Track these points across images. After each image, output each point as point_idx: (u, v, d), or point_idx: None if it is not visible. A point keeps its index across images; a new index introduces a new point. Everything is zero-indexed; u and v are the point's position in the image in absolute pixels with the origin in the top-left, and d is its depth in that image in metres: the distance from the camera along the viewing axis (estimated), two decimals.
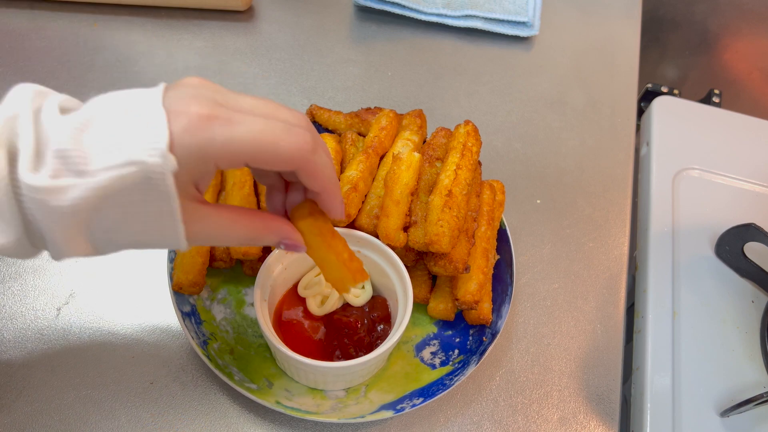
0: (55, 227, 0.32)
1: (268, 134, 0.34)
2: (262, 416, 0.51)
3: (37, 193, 0.31)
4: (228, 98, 0.34)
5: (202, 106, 0.32)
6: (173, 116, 0.32)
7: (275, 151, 0.34)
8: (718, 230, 0.65)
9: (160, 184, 0.32)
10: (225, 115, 0.33)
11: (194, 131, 0.32)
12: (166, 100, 0.33)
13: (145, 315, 0.55)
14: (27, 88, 0.34)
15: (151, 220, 0.34)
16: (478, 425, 0.53)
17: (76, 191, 0.31)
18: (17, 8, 0.76)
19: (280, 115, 0.36)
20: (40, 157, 0.31)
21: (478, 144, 0.58)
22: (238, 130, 0.33)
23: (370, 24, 0.83)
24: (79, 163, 0.31)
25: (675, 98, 0.80)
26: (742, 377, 0.58)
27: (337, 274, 0.44)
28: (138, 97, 0.33)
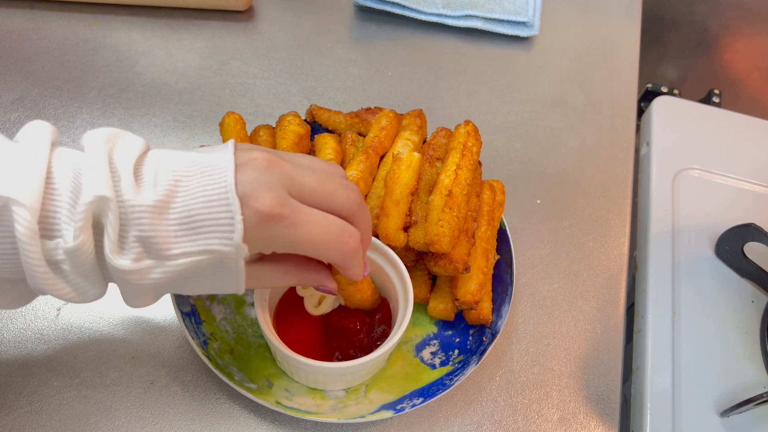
0: (133, 295, 0.37)
1: (323, 240, 0.38)
2: (262, 416, 0.51)
3: (122, 274, 0.34)
4: (294, 183, 0.37)
5: (272, 203, 0.35)
6: (246, 208, 0.35)
7: (326, 254, 0.39)
8: (718, 230, 0.65)
9: (232, 265, 0.36)
10: (290, 215, 0.36)
11: (262, 228, 0.35)
12: (239, 186, 0.35)
13: (145, 315, 0.55)
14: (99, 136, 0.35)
15: (217, 285, 0.38)
16: (478, 425, 0.53)
17: (156, 273, 0.35)
18: (17, 8, 0.76)
19: (337, 202, 0.39)
20: (123, 240, 0.34)
21: (478, 144, 0.58)
22: (299, 232, 0.37)
23: (370, 24, 0.83)
24: (160, 249, 0.34)
25: (675, 98, 0.80)
26: (742, 377, 0.58)
27: (358, 305, 0.53)
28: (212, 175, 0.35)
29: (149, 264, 0.34)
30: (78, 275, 0.34)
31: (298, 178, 0.38)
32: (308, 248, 0.38)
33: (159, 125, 0.69)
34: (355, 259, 0.41)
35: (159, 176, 0.35)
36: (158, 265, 0.35)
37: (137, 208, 0.34)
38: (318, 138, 0.61)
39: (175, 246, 0.34)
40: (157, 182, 0.35)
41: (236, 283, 0.38)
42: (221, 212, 0.34)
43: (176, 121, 0.69)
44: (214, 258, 0.35)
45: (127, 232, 0.34)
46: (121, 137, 0.37)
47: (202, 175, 0.35)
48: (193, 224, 0.34)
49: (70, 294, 0.35)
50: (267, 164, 0.36)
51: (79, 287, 0.35)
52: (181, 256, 0.35)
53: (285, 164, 0.37)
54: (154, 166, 0.36)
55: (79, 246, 0.33)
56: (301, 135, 0.59)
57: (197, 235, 0.34)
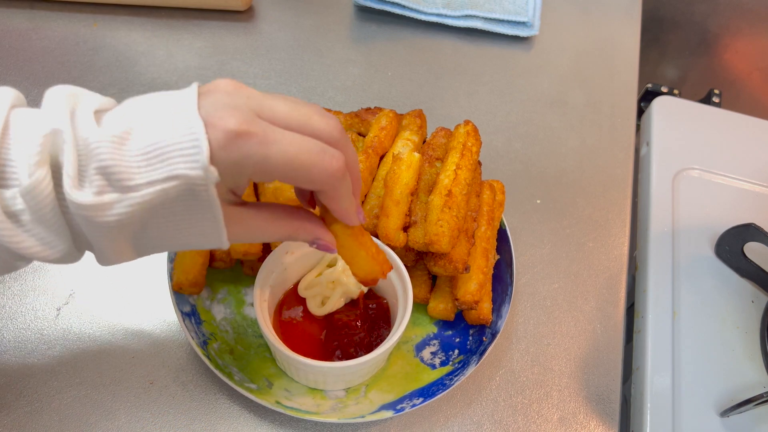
0: (102, 239, 0.34)
1: (302, 157, 0.34)
2: (262, 416, 0.51)
3: (84, 210, 0.32)
4: (263, 106, 0.35)
5: (239, 120, 0.33)
6: (210, 129, 0.32)
7: (306, 176, 0.35)
8: (718, 230, 0.65)
9: (203, 194, 0.33)
10: (261, 133, 0.33)
11: (231, 148, 0.33)
12: (202, 109, 0.33)
13: (145, 315, 0.55)
14: (60, 92, 0.34)
15: (195, 226, 0.35)
16: (478, 425, 0.53)
17: (121, 207, 0.32)
18: (17, 8, 0.76)
19: (314, 125, 0.36)
20: (83, 173, 0.32)
21: (478, 144, 0.58)
22: (272, 150, 0.33)
23: (370, 24, 0.83)
24: (122, 179, 0.32)
25: (675, 98, 0.80)
26: (742, 377, 0.58)
27: (368, 269, 0.45)
28: (173, 104, 0.33)
29: (112, 198, 0.32)
30: (39, 224, 0.32)
31: (268, 102, 0.35)
32: (285, 169, 0.34)
33: None
34: (343, 182, 0.37)
35: (118, 113, 0.33)
36: (122, 198, 0.32)
37: (96, 140, 0.32)
38: None
39: (137, 175, 0.32)
40: (117, 119, 0.33)
41: (213, 224, 0.35)
42: (184, 136, 0.32)
43: None
44: (183, 186, 0.32)
45: (87, 165, 0.32)
46: (86, 94, 0.35)
47: (163, 106, 0.33)
48: (155, 152, 0.32)
49: (34, 248, 0.33)
50: (232, 88, 0.34)
51: (42, 238, 0.33)
52: (146, 185, 0.32)
53: (252, 89, 0.35)
54: (117, 109, 0.34)
55: (35, 184, 0.31)
56: None
57: (161, 162, 0.32)
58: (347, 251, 0.43)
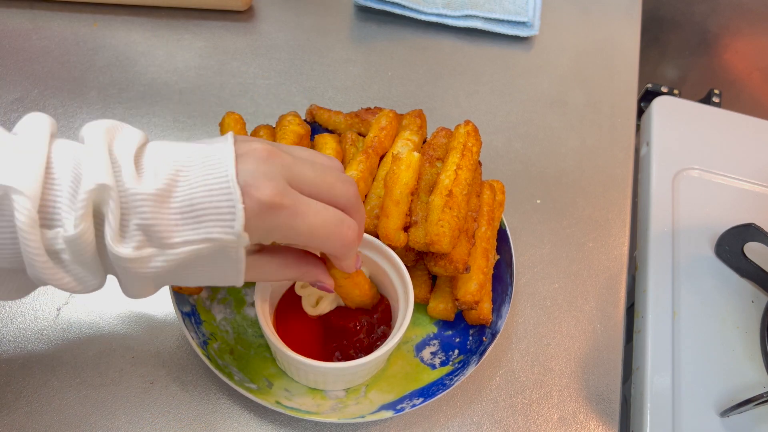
0: (133, 285, 0.37)
1: (323, 230, 0.39)
2: (262, 416, 0.51)
3: (123, 262, 0.34)
4: (294, 173, 0.38)
5: (274, 193, 0.36)
6: (247, 198, 0.35)
7: (324, 244, 0.40)
8: (718, 230, 0.65)
9: (232, 254, 0.37)
10: (291, 206, 0.37)
11: (264, 218, 0.36)
12: (240, 176, 0.35)
13: (145, 315, 0.55)
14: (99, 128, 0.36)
15: (217, 275, 0.39)
16: (478, 425, 0.53)
17: (158, 261, 0.35)
18: (17, 8, 0.76)
19: (337, 193, 0.40)
20: (124, 227, 0.34)
21: (478, 144, 0.58)
22: (300, 222, 0.37)
23: (370, 24, 0.83)
24: (161, 238, 0.34)
25: (675, 98, 0.80)
26: (742, 377, 0.58)
27: (358, 302, 0.52)
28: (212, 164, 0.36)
29: (151, 252, 0.35)
30: (78, 264, 0.34)
31: (298, 170, 0.38)
32: (308, 238, 0.38)
33: (159, 125, 0.69)
34: (352, 250, 0.42)
35: (159, 166, 0.35)
36: (160, 254, 0.35)
37: (139, 197, 0.34)
38: (318, 138, 0.61)
39: (176, 234, 0.35)
40: (158, 172, 0.35)
41: (236, 274, 0.38)
42: (222, 201, 0.35)
43: (176, 121, 0.69)
44: (216, 247, 0.35)
45: (129, 220, 0.34)
46: (121, 129, 0.37)
47: (202, 165, 0.36)
48: (194, 213, 0.35)
49: (70, 284, 0.35)
50: (267, 155, 0.37)
51: (79, 277, 0.35)
52: (183, 244, 0.35)
53: (285, 155, 0.38)
54: (154, 157, 0.36)
55: (79, 234, 0.33)
56: (301, 135, 0.59)
57: (198, 224, 0.35)
58: (342, 290, 0.49)
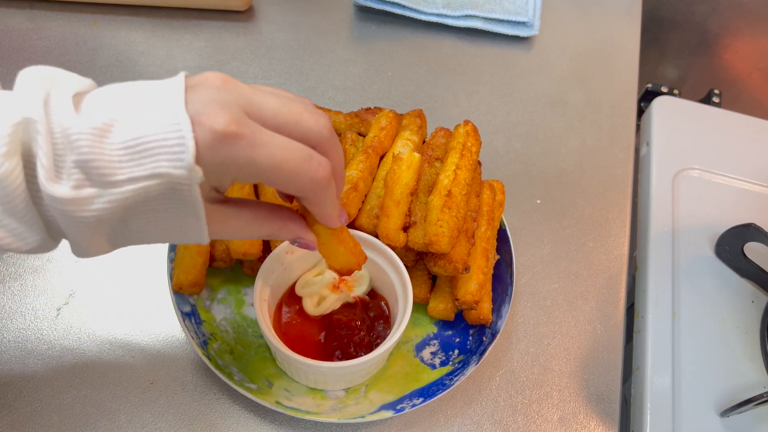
0: (78, 233, 0.33)
1: (289, 163, 0.34)
2: (262, 416, 0.51)
3: (60, 204, 0.31)
4: (253, 103, 0.34)
5: (228, 120, 0.31)
6: (198, 126, 0.31)
7: (291, 182, 0.35)
8: (718, 230, 0.65)
9: (186, 194, 0.32)
10: (249, 135, 0.32)
11: (218, 148, 0.32)
12: (189, 105, 0.31)
13: (145, 315, 0.55)
14: (34, 73, 0.32)
15: (175, 224, 0.34)
16: (478, 425, 0.53)
17: (100, 203, 0.31)
18: (17, 8, 0.76)
19: (304, 124, 0.35)
20: (59, 165, 0.30)
21: (478, 144, 0.58)
22: (260, 154, 0.33)
23: (370, 24, 0.83)
24: (102, 174, 0.30)
25: (675, 98, 0.80)
26: (742, 377, 0.58)
27: (344, 262, 0.45)
28: (159, 96, 0.32)
29: (91, 192, 0.31)
30: (9, 216, 0.31)
31: (258, 99, 0.34)
32: (272, 174, 0.34)
33: None
34: (328, 191, 0.37)
35: (100, 103, 0.32)
36: (102, 194, 0.31)
37: (74, 131, 0.30)
38: None
39: (119, 171, 0.31)
40: (98, 108, 0.31)
41: (196, 222, 0.34)
42: (170, 132, 0.31)
43: None
44: (165, 184, 0.31)
45: (65, 157, 0.30)
46: (63, 75, 0.33)
47: (149, 98, 0.32)
48: (138, 147, 0.31)
49: (5, 239, 0.32)
50: (221, 83, 0.33)
51: (13, 230, 0.32)
52: (127, 182, 0.31)
53: (242, 84, 0.34)
54: (97, 95, 0.32)
55: (4, 175, 0.29)
56: None
57: (144, 159, 0.31)
58: (327, 248, 0.44)
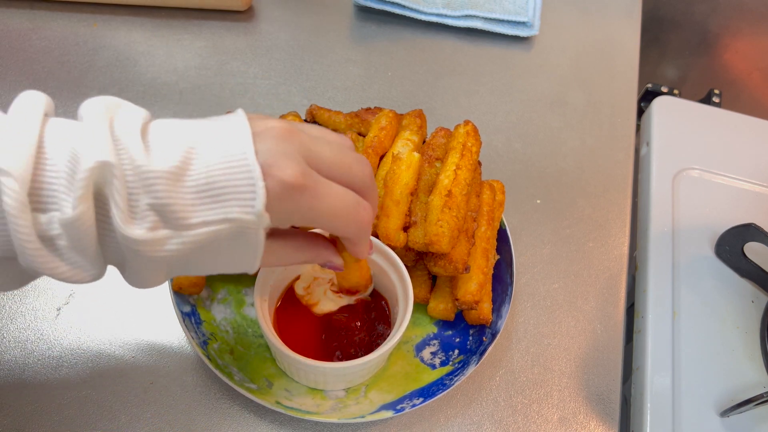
0: (145, 270, 0.34)
1: (342, 213, 0.37)
2: (262, 416, 0.51)
3: (135, 245, 0.32)
4: (311, 153, 0.36)
5: (296, 173, 0.34)
6: (268, 178, 0.33)
7: (341, 227, 0.39)
8: (718, 230, 0.65)
9: (252, 236, 0.34)
10: (312, 186, 0.35)
11: (285, 199, 0.34)
12: (259, 155, 0.33)
13: (145, 315, 0.55)
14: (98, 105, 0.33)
15: (233, 260, 0.36)
16: (478, 425, 0.53)
17: (174, 244, 0.32)
18: (17, 8, 0.76)
19: (354, 174, 0.39)
20: (133, 206, 0.31)
21: (478, 144, 0.58)
22: (321, 204, 0.36)
23: (370, 24, 0.83)
24: (177, 217, 0.32)
25: (675, 98, 0.80)
26: (742, 377, 0.58)
27: (354, 282, 0.52)
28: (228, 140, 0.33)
29: (165, 234, 0.32)
30: (75, 252, 0.32)
31: (315, 149, 0.36)
32: (328, 221, 0.37)
33: None
34: (367, 233, 0.41)
35: (170, 143, 0.33)
36: (175, 235, 0.32)
37: (150, 174, 0.31)
38: None
39: (193, 214, 0.32)
40: (169, 149, 0.32)
41: (252, 258, 0.36)
42: (242, 180, 0.32)
43: None
44: (235, 228, 0.33)
45: (139, 199, 0.31)
46: (122, 105, 0.34)
47: (218, 142, 0.33)
48: (212, 192, 0.32)
49: (66, 273, 0.32)
50: (285, 133, 0.35)
51: (77, 265, 0.33)
52: (201, 225, 0.32)
53: (302, 134, 0.36)
54: (162, 133, 0.33)
55: (77, 216, 0.30)
56: None
57: (217, 204, 0.32)
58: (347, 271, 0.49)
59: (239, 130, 0.34)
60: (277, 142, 0.34)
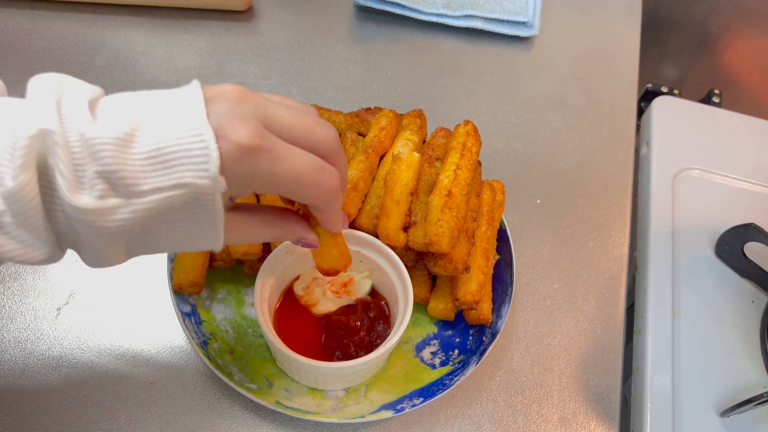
0: (98, 244, 0.32)
1: (306, 175, 0.35)
2: (262, 416, 0.51)
3: (84, 215, 0.30)
4: (269, 115, 0.35)
5: (251, 134, 0.32)
6: (222, 140, 0.32)
7: (306, 193, 0.37)
8: (718, 230, 0.65)
9: (209, 203, 0.33)
10: (270, 148, 0.33)
11: (242, 162, 0.32)
12: (212, 117, 0.32)
13: (145, 315, 0.55)
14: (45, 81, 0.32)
15: (194, 232, 0.35)
16: (478, 425, 0.53)
17: (125, 212, 0.31)
18: (17, 8, 0.76)
19: (315, 137, 0.37)
20: (81, 176, 0.30)
21: (478, 144, 0.58)
22: (281, 167, 0.34)
23: (370, 24, 0.83)
24: (127, 184, 0.31)
25: (675, 98, 0.80)
26: (742, 377, 0.58)
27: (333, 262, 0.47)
28: (180, 106, 0.32)
29: (116, 202, 0.31)
30: (22, 228, 0.30)
31: (273, 112, 0.35)
32: (290, 185, 0.35)
33: None
34: (337, 200, 0.39)
35: (118, 111, 0.32)
36: (126, 204, 0.31)
37: (96, 141, 0.30)
38: None
39: (144, 181, 0.31)
40: (118, 117, 0.31)
41: (214, 230, 0.35)
42: (194, 144, 0.31)
43: None
44: (189, 194, 0.32)
45: (86, 168, 0.30)
46: (71, 82, 0.33)
47: (168, 108, 0.32)
48: (163, 157, 0.31)
49: (14, 252, 0.31)
50: (239, 96, 0.34)
51: (24, 241, 0.31)
52: (152, 192, 0.31)
53: (258, 97, 0.35)
54: (111, 103, 0.32)
55: (19, 187, 0.29)
56: None
57: (169, 169, 0.31)
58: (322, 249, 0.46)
59: (191, 95, 0.33)
60: (231, 105, 0.33)
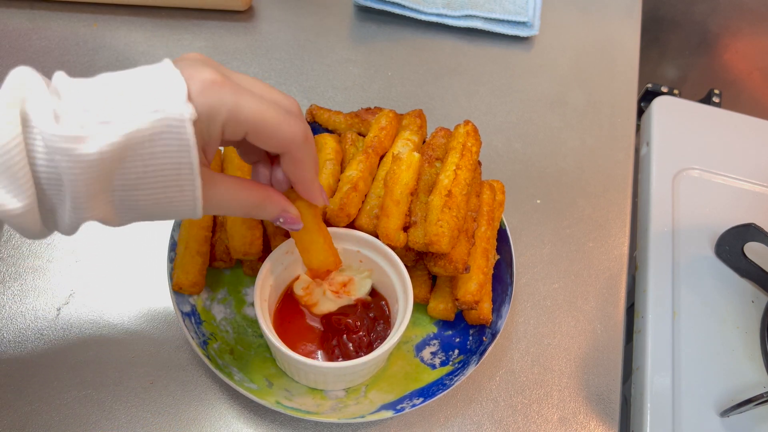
0: (80, 179, 0.33)
1: (271, 115, 0.37)
2: (262, 416, 0.51)
3: (64, 142, 0.31)
4: (232, 76, 0.37)
5: (213, 73, 0.35)
6: (187, 78, 0.34)
7: (274, 133, 0.38)
8: (718, 230, 0.65)
9: (181, 132, 0.34)
10: (233, 84, 0.36)
11: (207, 93, 0.35)
12: (177, 65, 0.35)
13: (145, 315, 0.55)
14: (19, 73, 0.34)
15: (171, 176, 0.35)
16: (478, 425, 0.53)
17: (103, 138, 0.32)
18: (17, 8, 0.76)
19: (276, 97, 0.39)
20: (59, 113, 0.32)
21: (478, 144, 0.58)
22: (244, 100, 0.36)
23: (370, 24, 0.83)
24: (101, 115, 0.32)
25: (675, 98, 0.80)
26: (742, 377, 0.58)
27: (323, 258, 0.47)
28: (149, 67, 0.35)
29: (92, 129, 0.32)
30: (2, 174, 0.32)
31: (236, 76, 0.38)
32: (255, 123, 0.36)
33: None
34: (307, 148, 0.40)
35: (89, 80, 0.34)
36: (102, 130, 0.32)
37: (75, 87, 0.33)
38: (318, 138, 0.61)
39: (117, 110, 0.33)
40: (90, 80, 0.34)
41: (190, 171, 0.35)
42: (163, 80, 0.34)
43: None
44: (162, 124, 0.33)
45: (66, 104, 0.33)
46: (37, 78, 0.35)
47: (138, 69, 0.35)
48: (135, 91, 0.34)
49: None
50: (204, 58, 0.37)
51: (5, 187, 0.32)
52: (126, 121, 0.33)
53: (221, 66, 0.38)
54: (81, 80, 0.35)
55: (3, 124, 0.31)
56: None
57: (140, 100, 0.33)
58: (307, 234, 0.45)
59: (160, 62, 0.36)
60: (195, 62, 0.36)
